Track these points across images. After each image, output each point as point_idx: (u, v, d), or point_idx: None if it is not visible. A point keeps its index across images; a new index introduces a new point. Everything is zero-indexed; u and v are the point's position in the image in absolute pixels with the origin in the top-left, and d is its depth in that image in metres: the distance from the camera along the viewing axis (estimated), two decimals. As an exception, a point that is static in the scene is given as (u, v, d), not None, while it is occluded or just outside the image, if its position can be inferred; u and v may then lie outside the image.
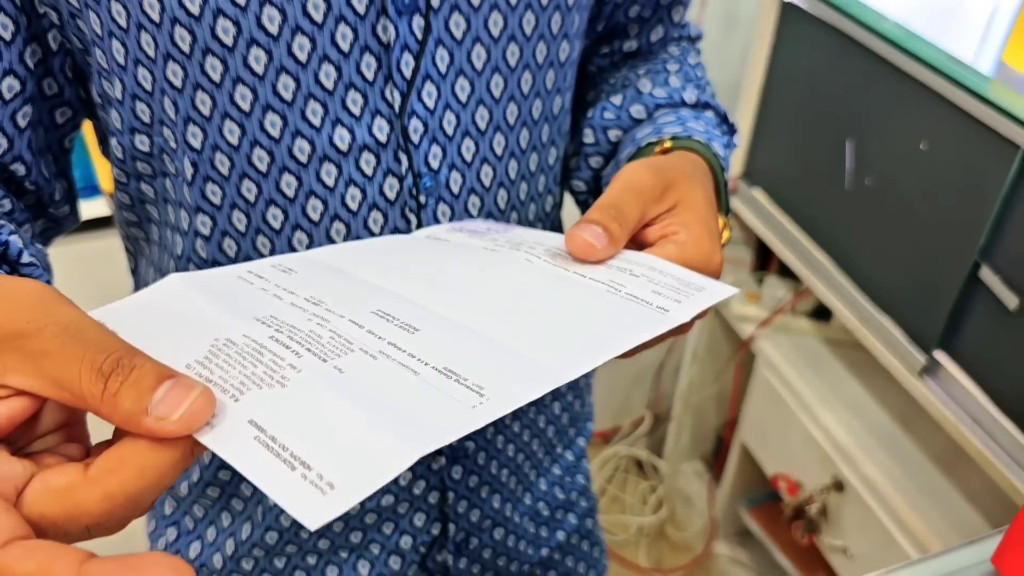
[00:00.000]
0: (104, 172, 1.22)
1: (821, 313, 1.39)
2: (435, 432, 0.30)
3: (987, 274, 0.97)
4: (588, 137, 0.62)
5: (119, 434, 0.31)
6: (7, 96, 0.47)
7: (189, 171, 0.49)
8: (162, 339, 0.34)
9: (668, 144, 0.53)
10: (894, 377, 1.11)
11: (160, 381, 0.29)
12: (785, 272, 1.41)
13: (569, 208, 0.72)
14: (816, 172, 1.22)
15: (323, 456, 0.29)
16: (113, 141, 0.52)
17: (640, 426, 1.83)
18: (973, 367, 1.02)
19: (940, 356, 1.04)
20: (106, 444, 0.32)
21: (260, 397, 0.31)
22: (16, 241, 0.42)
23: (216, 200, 0.50)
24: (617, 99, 0.62)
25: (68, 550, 0.26)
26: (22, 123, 0.49)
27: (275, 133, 0.48)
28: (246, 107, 0.47)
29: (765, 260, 1.46)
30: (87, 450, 0.33)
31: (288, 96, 0.47)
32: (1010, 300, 0.94)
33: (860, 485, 1.21)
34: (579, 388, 0.76)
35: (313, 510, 0.27)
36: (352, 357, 0.34)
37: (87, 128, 0.57)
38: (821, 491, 1.25)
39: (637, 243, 0.47)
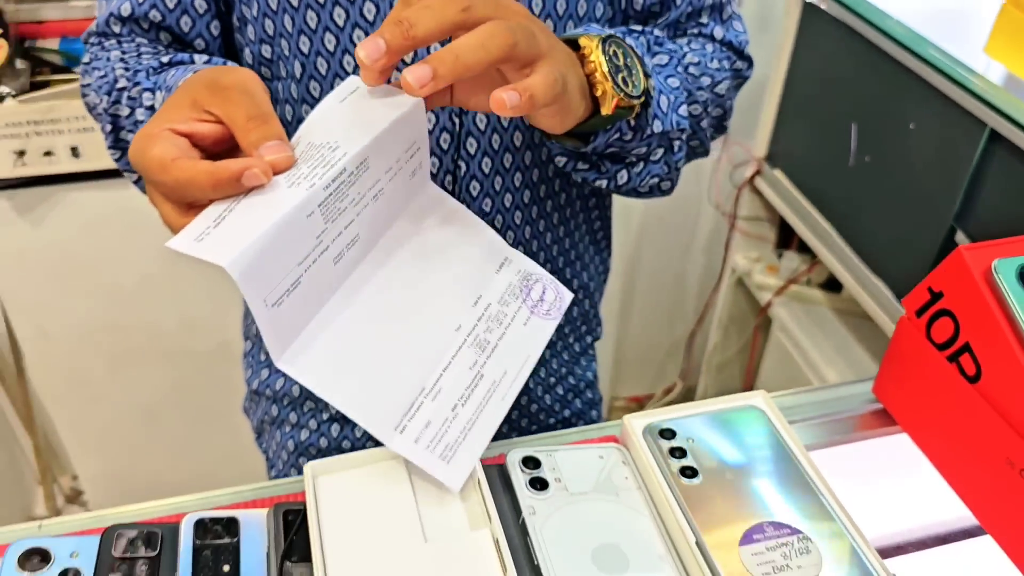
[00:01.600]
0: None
1: (833, 285, 1.54)
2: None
3: (961, 238, 1.12)
4: None
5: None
6: (200, 11, 0.70)
7: (298, 71, 0.70)
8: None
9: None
10: (887, 335, 1.26)
11: (280, 136, 0.51)
12: (804, 248, 1.57)
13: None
14: (827, 153, 1.38)
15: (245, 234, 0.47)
16: (247, 51, 0.72)
17: (671, 392, 2.00)
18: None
19: (922, 312, 1.19)
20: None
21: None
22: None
23: (316, 94, 0.71)
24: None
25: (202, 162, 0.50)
26: (215, 32, 0.72)
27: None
28: (341, 23, 0.67)
29: (787, 238, 1.62)
30: None
31: (370, 17, 0.67)
32: (977, 258, 1.09)
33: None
34: (589, 289, 0.93)
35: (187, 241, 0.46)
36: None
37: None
38: (819, 438, 1.40)
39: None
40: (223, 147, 0.54)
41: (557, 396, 0.94)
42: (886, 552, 0.57)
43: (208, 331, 1.61)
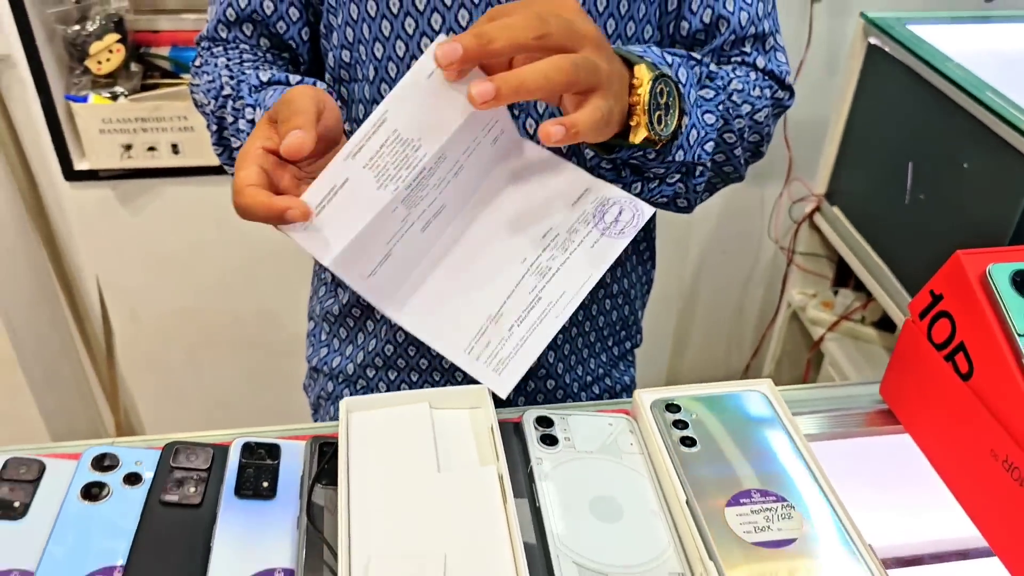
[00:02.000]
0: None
1: (887, 324, 1.55)
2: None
3: (1008, 276, 1.13)
4: None
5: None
6: (294, 19, 0.80)
7: (372, 74, 0.78)
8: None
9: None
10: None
11: (298, 126, 0.59)
12: (860, 287, 1.59)
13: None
14: (884, 192, 1.41)
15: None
16: (330, 55, 0.81)
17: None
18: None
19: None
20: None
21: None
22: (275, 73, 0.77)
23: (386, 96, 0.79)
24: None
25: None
26: (305, 37, 0.82)
27: None
28: (410, 32, 0.75)
29: (845, 276, 1.64)
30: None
31: (436, 27, 0.75)
32: None
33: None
34: (630, 296, 0.98)
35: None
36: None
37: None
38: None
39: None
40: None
41: (592, 395, 0.99)
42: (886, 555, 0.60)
43: (282, 323, 1.72)
